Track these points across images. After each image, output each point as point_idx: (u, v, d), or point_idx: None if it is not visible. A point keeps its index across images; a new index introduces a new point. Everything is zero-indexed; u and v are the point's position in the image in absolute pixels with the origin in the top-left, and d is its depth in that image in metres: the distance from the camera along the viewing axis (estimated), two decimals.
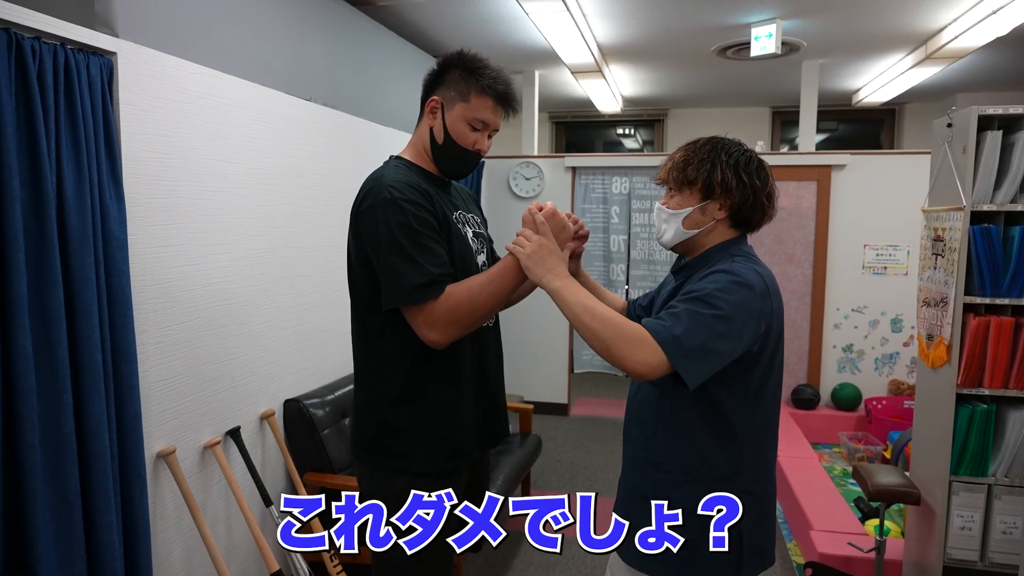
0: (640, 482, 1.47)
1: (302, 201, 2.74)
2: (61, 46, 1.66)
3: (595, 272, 5.24)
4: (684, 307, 1.29)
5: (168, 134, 2.04)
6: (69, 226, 1.67)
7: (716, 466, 1.39)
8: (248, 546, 2.45)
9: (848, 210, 4.63)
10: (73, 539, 1.68)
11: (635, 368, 1.26)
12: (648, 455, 1.45)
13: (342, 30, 3.12)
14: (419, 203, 1.43)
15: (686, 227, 1.44)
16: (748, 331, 1.30)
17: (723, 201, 1.41)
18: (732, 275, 1.32)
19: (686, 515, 1.39)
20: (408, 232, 1.39)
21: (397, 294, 1.39)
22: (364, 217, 1.44)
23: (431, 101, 1.53)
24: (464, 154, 1.54)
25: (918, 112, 6.57)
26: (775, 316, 1.37)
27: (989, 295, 2.13)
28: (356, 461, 1.60)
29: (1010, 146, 2.13)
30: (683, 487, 1.40)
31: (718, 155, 1.40)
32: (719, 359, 1.28)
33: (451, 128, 1.52)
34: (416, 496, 1.51)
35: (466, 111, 1.50)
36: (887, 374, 4.68)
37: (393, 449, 1.52)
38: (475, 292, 1.41)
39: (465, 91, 1.50)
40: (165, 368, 2.05)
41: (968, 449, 2.18)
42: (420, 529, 1.53)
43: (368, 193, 1.45)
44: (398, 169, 1.52)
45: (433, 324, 1.39)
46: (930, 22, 3.93)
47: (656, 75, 5.43)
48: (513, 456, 3.26)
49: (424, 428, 1.52)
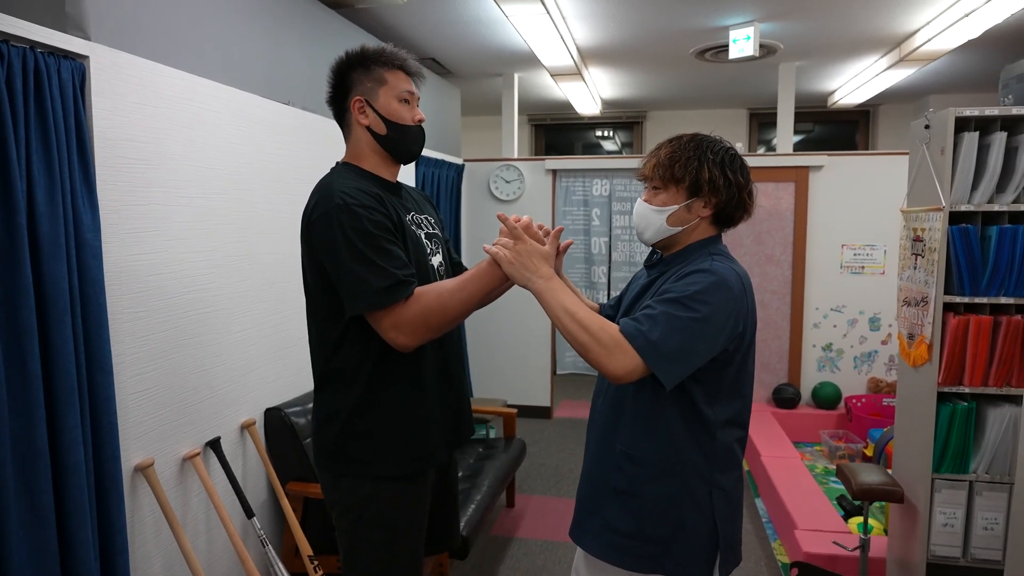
0: (613, 475, 1.46)
1: (281, 207, 2.70)
2: (31, 49, 1.61)
3: (576, 274, 5.24)
4: (661, 309, 1.30)
5: (143, 140, 1.99)
6: (41, 235, 1.62)
7: (691, 461, 1.40)
8: (230, 559, 2.41)
9: (826, 210, 4.69)
10: (48, 557, 1.63)
11: (612, 372, 1.28)
12: (624, 448, 1.45)
13: (320, 33, 3.09)
14: (372, 207, 1.42)
15: (670, 224, 1.44)
16: (725, 332, 1.32)
17: (709, 199, 1.42)
18: (712, 275, 1.33)
19: (662, 509, 1.39)
20: (365, 236, 1.38)
21: (361, 300, 1.38)
22: (317, 225, 1.42)
23: (355, 102, 1.55)
24: (410, 130, 1.58)
25: (892, 113, 6.67)
26: (750, 315, 1.40)
27: (968, 294, 2.16)
28: (320, 471, 1.58)
29: (986, 147, 2.16)
30: (659, 481, 1.41)
31: (704, 153, 1.41)
32: (696, 359, 1.30)
33: (386, 113, 1.54)
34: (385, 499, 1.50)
35: (390, 91, 1.55)
36: (866, 372, 4.74)
37: (358, 455, 1.51)
38: (445, 297, 1.40)
39: (378, 76, 1.54)
40: (142, 379, 2.00)
41: (949, 447, 2.21)
42: (390, 537, 1.52)
43: (319, 201, 1.44)
44: (347, 174, 1.52)
45: (401, 327, 1.38)
46: (904, 25, 3.99)
47: (635, 77, 5.46)
48: (497, 461, 3.24)
49: (388, 431, 1.50)
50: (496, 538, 3.28)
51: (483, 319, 5.06)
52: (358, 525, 1.51)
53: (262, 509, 2.59)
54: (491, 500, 2.90)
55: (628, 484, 1.43)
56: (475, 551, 3.14)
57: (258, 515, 2.47)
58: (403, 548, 1.54)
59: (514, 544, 3.22)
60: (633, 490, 1.43)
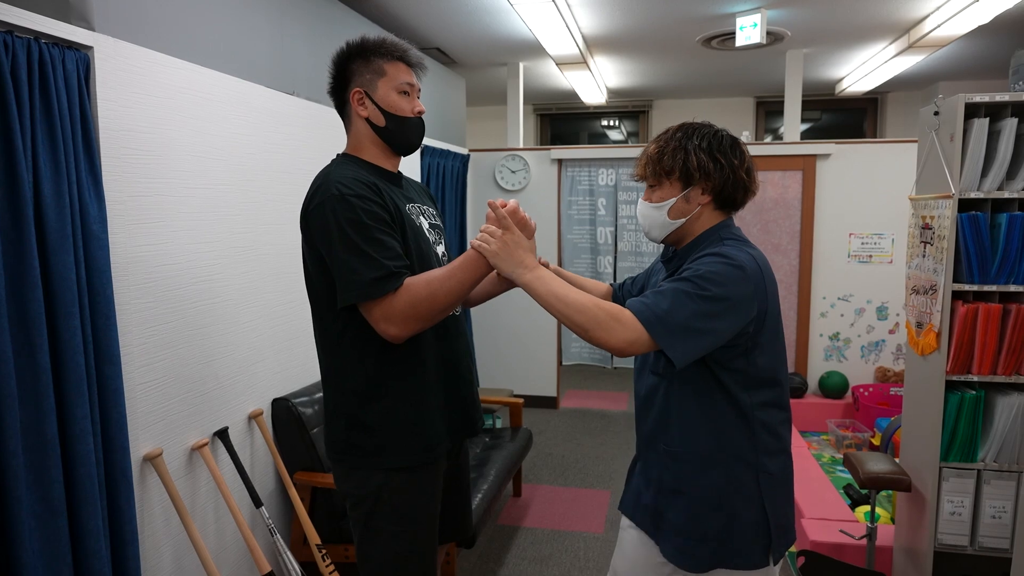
0: (664, 474, 1.46)
1: (287, 197, 2.70)
2: (35, 40, 1.61)
3: (583, 264, 5.23)
4: (671, 286, 1.31)
5: (148, 130, 1.99)
6: (48, 226, 1.63)
7: (735, 450, 1.40)
8: (239, 548, 2.42)
9: (833, 199, 4.66)
10: (59, 546, 1.65)
11: (614, 346, 1.28)
12: (666, 447, 1.45)
13: (325, 22, 3.08)
14: (368, 197, 1.42)
15: (672, 218, 1.44)
16: (738, 313, 1.31)
17: (704, 185, 1.41)
18: (722, 257, 1.33)
19: (712, 503, 1.39)
20: (358, 227, 1.38)
21: (351, 290, 1.38)
22: (314, 216, 1.43)
23: (354, 94, 1.54)
24: (409, 122, 1.57)
25: (900, 101, 6.61)
26: (770, 297, 1.38)
27: (977, 282, 2.14)
28: (332, 463, 1.59)
29: (996, 133, 2.14)
30: (705, 474, 1.41)
31: (689, 140, 1.41)
32: (705, 339, 1.28)
33: (385, 105, 1.53)
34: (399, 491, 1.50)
35: (389, 82, 1.54)
36: (873, 361, 4.72)
37: (366, 447, 1.51)
38: (435, 286, 1.40)
39: (378, 67, 1.53)
40: (150, 369, 2.01)
41: (958, 435, 2.20)
42: (403, 526, 1.53)
43: (316, 191, 1.44)
44: (345, 165, 1.52)
45: (391, 318, 1.38)
46: (913, 11, 3.94)
47: (641, 66, 5.42)
48: (504, 450, 3.25)
49: (394, 423, 1.51)
50: (503, 527, 3.29)
51: (489, 310, 5.06)
52: (371, 515, 1.52)
53: (270, 499, 2.61)
54: (498, 489, 2.91)
55: (676, 481, 1.43)
56: (482, 540, 3.15)
57: (266, 505, 2.48)
58: (416, 537, 1.54)
59: (521, 533, 3.23)
60: (683, 488, 1.42)
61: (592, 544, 3.13)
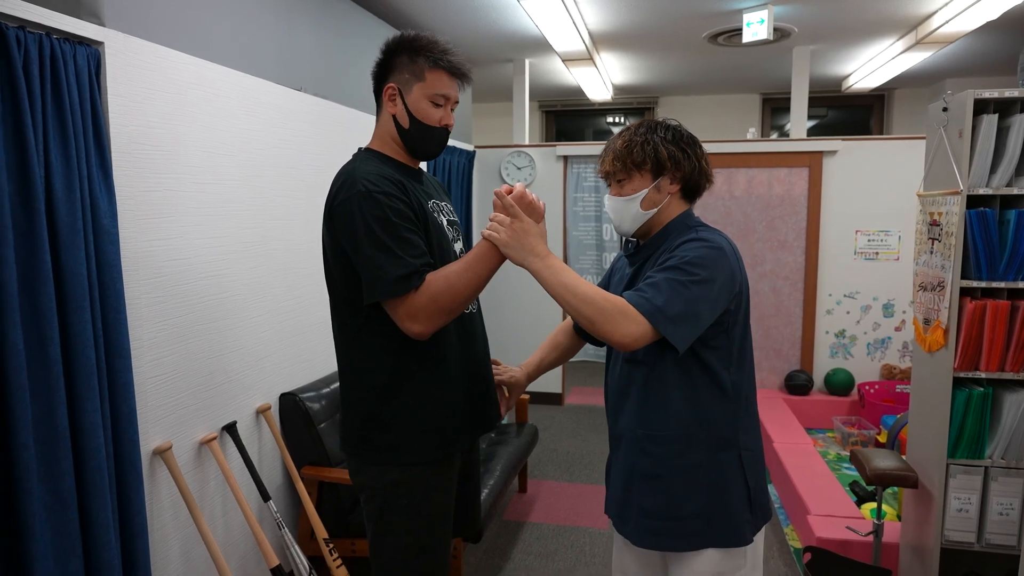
0: (638, 461, 1.47)
1: (295, 193, 2.70)
2: (47, 36, 1.62)
3: (588, 260, 5.23)
4: (663, 276, 1.34)
5: (158, 126, 2.00)
6: (59, 221, 1.64)
7: (716, 428, 1.43)
8: (247, 541, 2.44)
9: (840, 196, 4.64)
10: (70, 538, 1.66)
11: (620, 340, 1.31)
12: (645, 431, 1.46)
13: (331, 18, 3.08)
14: (394, 194, 1.42)
15: (644, 208, 1.47)
16: (725, 292, 1.37)
17: (673, 175, 1.46)
18: (704, 242, 1.39)
19: (692, 483, 1.40)
20: (385, 224, 1.38)
21: (378, 287, 1.38)
22: (339, 211, 1.42)
23: (387, 89, 1.52)
24: (433, 132, 1.54)
25: (907, 97, 6.58)
26: (743, 275, 1.44)
27: (985, 279, 2.14)
28: (347, 457, 1.59)
29: (1005, 129, 2.13)
30: (684, 455, 1.43)
31: (654, 133, 1.47)
32: (702, 321, 1.34)
33: (414, 110, 1.51)
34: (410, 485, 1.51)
35: (425, 89, 1.50)
36: (879, 359, 4.71)
37: (382, 443, 1.51)
38: (453, 279, 1.40)
39: (419, 71, 1.50)
40: (159, 363, 2.02)
41: (965, 432, 2.20)
42: (418, 521, 1.53)
43: (342, 187, 1.43)
44: (369, 161, 1.50)
45: (415, 315, 1.38)
46: (921, 7, 3.93)
47: (647, 62, 5.41)
48: (510, 446, 3.26)
49: (412, 419, 1.50)
50: (508, 522, 3.30)
51: (494, 305, 5.07)
52: (385, 509, 1.52)
53: (278, 492, 2.62)
54: (504, 485, 2.92)
55: (652, 466, 1.45)
56: (488, 535, 3.16)
57: (274, 499, 2.50)
58: (430, 533, 1.54)
59: (526, 528, 3.24)
60: (660, 471, 1.44)
61: (597, 540, 3.14)
